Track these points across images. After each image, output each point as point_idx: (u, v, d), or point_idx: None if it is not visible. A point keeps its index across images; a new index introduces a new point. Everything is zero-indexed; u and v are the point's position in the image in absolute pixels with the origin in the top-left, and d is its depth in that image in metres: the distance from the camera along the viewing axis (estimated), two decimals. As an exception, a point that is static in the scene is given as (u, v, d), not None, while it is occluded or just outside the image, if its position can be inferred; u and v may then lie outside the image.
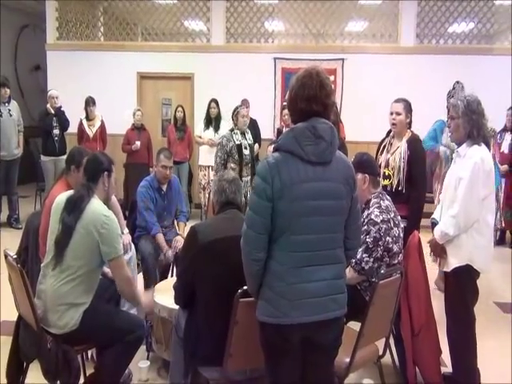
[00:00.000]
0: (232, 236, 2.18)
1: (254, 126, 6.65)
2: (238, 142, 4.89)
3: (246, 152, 4.95)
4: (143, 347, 2.95)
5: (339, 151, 1.95)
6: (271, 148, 3.52)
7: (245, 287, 2.06)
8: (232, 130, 5.00)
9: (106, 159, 2.66)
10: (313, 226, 1.85)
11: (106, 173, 2.59)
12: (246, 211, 1.92)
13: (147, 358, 3.10)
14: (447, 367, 2.96)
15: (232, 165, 4.82)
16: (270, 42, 7.86)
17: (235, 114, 5.02)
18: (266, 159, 1.89)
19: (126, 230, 3.65)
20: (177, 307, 2.60)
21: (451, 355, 2.84)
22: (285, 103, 7.08)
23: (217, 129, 6.66)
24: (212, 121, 6.69)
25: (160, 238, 3.78)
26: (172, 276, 3.83)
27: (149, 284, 3.56)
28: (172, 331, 2.65)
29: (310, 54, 7.39)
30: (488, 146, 2.81)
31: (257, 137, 6.58)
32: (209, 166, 6.68)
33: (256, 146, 6.41)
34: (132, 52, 7.73)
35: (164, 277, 3.81)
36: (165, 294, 3.03)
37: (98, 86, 7.46)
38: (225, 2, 7.59)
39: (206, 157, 6.69)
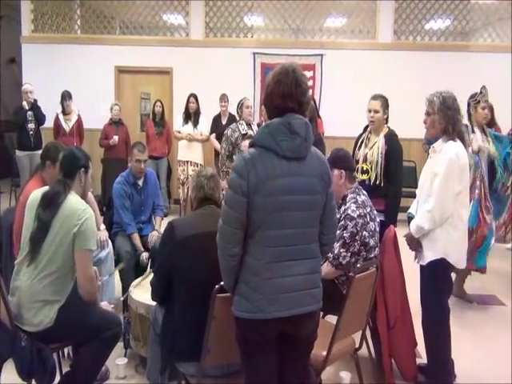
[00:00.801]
0: (209, 232, 2.17)
1: (232, 121, 6.62)
2: (243, 132, 4.96)
3: None
4: (121, 344, 2.94)
5: (314, 148, 1.97)
6: (246, 143, 3.52)
7: (222, 282, 2.05)
8: (237, 122, 5.15)
9: (82, 155, 2.62)
10: (288, 220, 1.86)
11: (82, 169, 2.56)
12: (222, 206, 1.92)
13: (125, 355, 3.08)
14: (422, 358, 3.02)
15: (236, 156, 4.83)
16: (250, 36, 7.84)
17: (240, 105, 5.26)
18: (242, 155, 1.90)
19: (103, 227, 3.62)
20: (154, 304, 2.59)
21: (426, 346, 2.89)
22: (264, 98, 7.09)
23: (196, 124, 6.63)
24: (191, 116, 6.65)
25: (135, 238, 3.75)
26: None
27: (125, 280, 3.53)
28: (149, 328, 2.63)
29: (289, 50, 7.40)
30: (463, 141, 2.85)
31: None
32: (188, 161, 6.66)
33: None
34: (110, 46, 7.62)
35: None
36: (142, 291, 3.02)
37: (74, 79, 7.34)
38: (206, -3, 7.54)
39: (185, 152, 6.67)
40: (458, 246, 2.80)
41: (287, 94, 1.86)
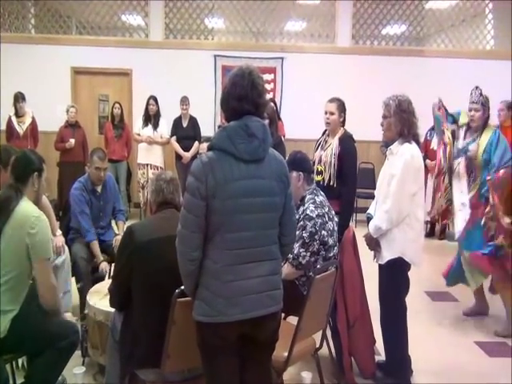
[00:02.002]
0: (169, 236, 2.15)
1: (193, 124, 6.60)
2: None
3: None
4: (78, 353, 2.85)
5: (272, 149, 1.97)
6: (205, 145, 3.51)
7: (182, 287, 2.03)
8: None
9: (36, 158, 2.54)
10: (247, 223, 1.86)
11: (36, 173, 2.47)
12: (181, 210, 1.91)
13: (82, 364, 3.00)
14: (381, 355, 3.09)
15: None
16: (210, 39, 7.82)
17: None
18: (200, 158, 1.89)
19: (59, 232, 3.51)
20: (113, 310, 2.53)
21: (384, 344, 2.97)
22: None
23: (156, 126, 6.55)
24: (151, 118, 6.57)
25: (95, 246, 3.66)
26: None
27: (82, 288, 3.44)
28: (108, 335, 2.58)
29: (250, 52, 7.43)
30: (418, 143, 2.94)
31: (197, 135, 6.53)
32: (148, 164, 6.57)
33: (196, 143, 6.38)
34: (66, 46, 7.41)
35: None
36: (100, 297, 2.95)
37: (28, 81, 7.10)
38: (164, -3, 7.47)
39: (145, 155, 6.58)
40: (415, 244, 2.88)
41: (243, 96, 1.86)
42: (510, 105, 5.39)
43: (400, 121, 2.84)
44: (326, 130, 3.74)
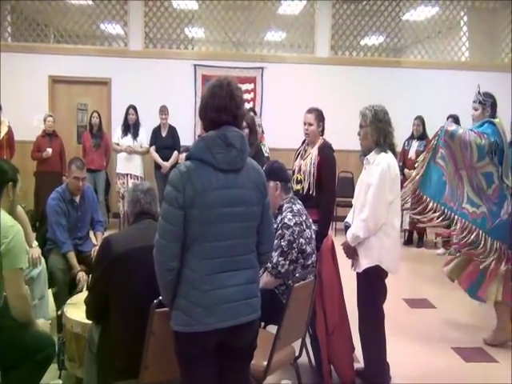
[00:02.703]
0: (146, 246, 2.13)
1: (173, 133, 6.59)
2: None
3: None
4: (55, 365, 2.80)
5: (250, 158, 1.99)
6: (183, 156, 3.51)
7: (160, 297, 2.02)
8: None
9: (10, 168, 2.50)
10: (225, 232, 1.87)
11: (10, 183, 2.44)
12: (159, 220, 1.90)
13: (59, 377, 2.95)
14: (360, 363, 3.12)
15: None
16: (190, 48, 7.83)
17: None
18: (178, 167, 1.89)
19: (35, 243, 3.44)
20: (90, 322, 2.49)
21: (363, 351, 3.00)
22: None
23: (135, 136, 6.53)
24: (130, 127, 6.55)
25: (71, 256, 3.60)
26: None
27: (59, 300, 3.38)
28: (85, 347, 2.54)
29: (230, 62, 7.47)
30: (394, 153, 2.98)
31: (176, 145, 6.52)
32: (127, 174, 6.53)
33: (175, 153, 6.37)
34: (43, 55, 7.34)
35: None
36: (77, 309, 2.91)
37: (4, 89, 6.97)
38: (143, 6, 7.45)
39: (125, 164, 6.54)
40: (392, 252, 2.92)
41: (222, 107, 1.87)
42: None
43: (376, 130, 2.89)
44: (305, 140, 3.78)
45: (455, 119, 5.87)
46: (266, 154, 4.97)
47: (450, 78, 7.30)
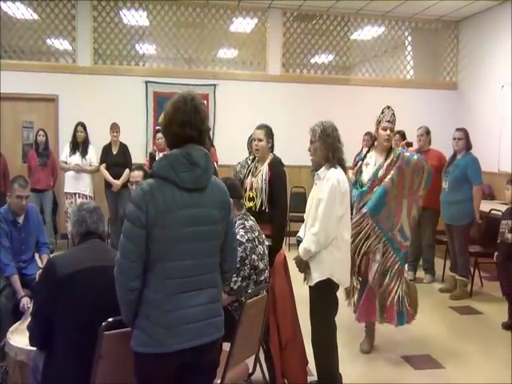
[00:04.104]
0: (94, 267, 2.10)
1: (124, 151, 6.47)
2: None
3: None
4: (-4, 397, 2.65)
5: (214, 177, 1.98)
6: (136, 173, 3.45)
7: (109, 319, 1.98)
8: (247, 157, 4.81)
9: None
10: (189, 252, 1.85)
11: None
12: (120, 239, 1.85)
13: (1, 408, 2.78)
14: (314, 376, 3.13)
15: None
16: (141, 64, 7.76)
17: (250, 140, 4.95)
18: (140, 186, 1.85)
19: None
20: (35, 348, 2.37)
21: (316, 363, 3.02)
22: (158, 127, 7.01)
23: (84, 154, 6.35)
24: (79, 145, 6.37)
25: (15, 280, 3.43)
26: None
27: (2, 327, 3.20)
28: (30, 375, 2.41)
29: (182, 79, 7.45)
30: (344, 168, 3.04)
31: (127, 162, 6.39)
32: (75, 193, 6.33)
33: (126, 171, 6.23)
34: (-14, 70, 7.07)
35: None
36: (21, 336, 2.76)
37: None
38: (92, 22, 7.34)
39: (73, 183, 6.34)
40: (342, 265, 2.97)
41: (186, 122, 1.86)
42: (429, 130, 5.75)
43: (325, 145, 2.95)
44: (255, 157, 3.81)
45: (402, 135, 6.08)
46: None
47: (397, 95, 7.58)
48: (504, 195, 6.43)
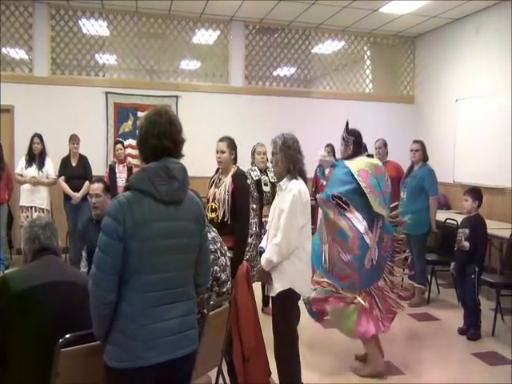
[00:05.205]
0: (50, 282, 2.06)
1: (84, 163, 6.33)
2: (256, 178, 4.70)
3: (267, 189, 4.71)
4: None
5: (189, 190, 1.99)
6: (96, 186, 3.38)
7: (67, 336, 1.94)
8: (250, 168, 4.84)
9: None
10: (165, 264, 1.85)
11: None
12: (95, 252, 1.82)
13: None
14: (277, 386, 3.14)
15: (253, 205, 4.53)
16: (102, 75, 7.65)
17: (253, 151, 4.98)
18: (117, 198, 1.84)
19: None
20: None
21: (278, 373, 3.02)
22: (118, 138, 6.91)
23: (41, 166, 6.14)
24: (35, 157, 6.16)
25: None
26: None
27: None
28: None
29: (144, 90, 7.39)
30: (305, 179, 3.07)
31: (87, 174, 6.26)
32: (32, 207, 6.10)
33: (86, 183, 6.09)
34: None
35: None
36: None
37: None
38: (49, 31, 7.19)
39: (29, 196, 6.12)
40: (304, 275, 3.00)
41: (162, 134, 1.88)
42: (386, 142, 5.92)
43: (286, 157, 2.99)
44: (219, 168, 3.81)
45: (332, 148, 6.19)
46: (271, 179, 4.88)
47: (356, 108, 7.76)
48: (458, 205, 6.74)
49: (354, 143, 3.66)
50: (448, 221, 5.65)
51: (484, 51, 6.82)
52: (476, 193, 4.53)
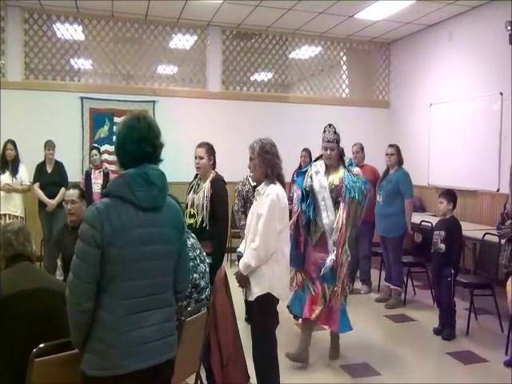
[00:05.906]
0: (27, 290, 2.04)
1: (59, 169, 6.23)
2: (254, 184, 4.54)
3: None
4: None
5: (169, 197, 1.98)
6: (72, 192, 3.33)
7: (41, 345, 1.90)
8: (248, 175, 4.65)
9: None
10: (144, 271, 1.83)
11: None
12: (73, 260, 1.80)
13: None
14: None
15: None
16: (77, 80, 7.56)
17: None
18: (95, 205, 1.82)
19: None
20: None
21: (257, 377, 3.02)
22: (94, 144, 6.83)
23: (15, 173, 6.02)
24: (8, 164, 6.03)
25: None
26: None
27: None
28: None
29: (120, 95, 7.33)
30: (283, 184, 3.09)
31: (63, 181, 6.15)
32: (5, 215, 5.96)
33: (62, 190, 6.00)
34: None
35: None
36: None
37: None
38: (23, 36, 7.07)
39: (2, 204, 5.97)
40: (282, 280, 3.02)
41: (141, 138, 1.87)
42: (363, 146, 5.99)
43: (263, 162, 3.00)
44: (197, 174, 3.80)
45: (308, 152, 6.25)
46: None
47: (333, 112, 7.82)
48: (433, 207, 6.87)
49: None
50: (423, 223, 5.74)
51: (456, 56, 6.99)
52: (451, 195, 4.61)
